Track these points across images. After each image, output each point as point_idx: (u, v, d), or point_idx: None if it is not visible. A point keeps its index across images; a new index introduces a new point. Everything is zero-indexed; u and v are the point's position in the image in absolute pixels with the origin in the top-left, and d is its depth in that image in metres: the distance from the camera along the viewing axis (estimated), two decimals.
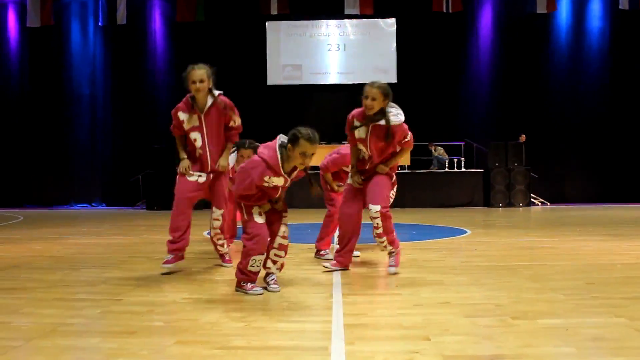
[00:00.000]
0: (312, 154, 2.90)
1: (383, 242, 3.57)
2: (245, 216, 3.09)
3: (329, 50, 14.60)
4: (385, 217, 3.50)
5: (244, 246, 3.04)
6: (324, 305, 2.77)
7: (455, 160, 12.75)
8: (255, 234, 3.01)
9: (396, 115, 3.51)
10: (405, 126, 3.60)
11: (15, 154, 14.65)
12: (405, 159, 10.93)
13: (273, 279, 3.18)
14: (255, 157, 3.04)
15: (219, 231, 3.90)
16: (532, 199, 12.54)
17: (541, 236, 5.98)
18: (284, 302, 2.83)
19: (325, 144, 10.52)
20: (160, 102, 14.53)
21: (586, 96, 13.92)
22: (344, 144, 4.84)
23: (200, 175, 3.74)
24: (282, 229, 3.14)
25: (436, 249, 4.92)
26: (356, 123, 3.60)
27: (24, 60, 14.88)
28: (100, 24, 14.38)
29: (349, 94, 14.91)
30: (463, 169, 12.66)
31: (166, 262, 3.71)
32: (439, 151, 13.15)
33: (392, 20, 14.51)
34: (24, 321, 2.51)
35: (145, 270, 3.90)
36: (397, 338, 2.20)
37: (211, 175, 3.79)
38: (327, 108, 13.87)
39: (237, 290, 3.09)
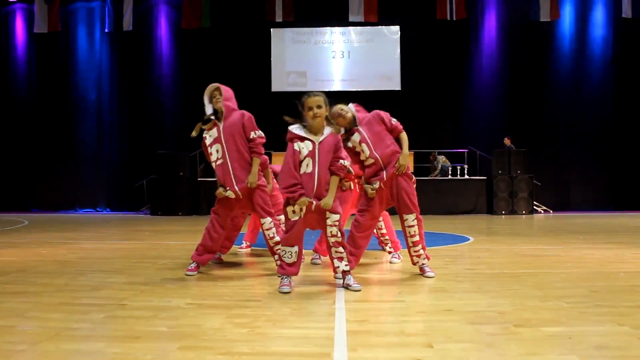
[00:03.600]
0: (319, 106, 3.27)
1: (418, 251, 3.76)
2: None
3: (333, 57, 14.65)
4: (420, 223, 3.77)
5: None
6: (328, 311, 2.77)
7: (459, 167, 12.73)
8: (288, 227, 3.30)
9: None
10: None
11: (22, 158, 14.76)
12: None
13: (352, 280, 3.32)
14: None
15: (275, 239, 3.96)
16: (535, 207, 12.50)
17: (545, 244, 5.95)
18: (287, 308, 2.84)
19: None
20: (166, 107, 14.61)
21: (590, 104, 13.92)
22: None
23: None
24: (329, 229, 3.30)
25: (439, 256, 4.90)
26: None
27: (32, 65, 15.01)
28: (106, 30, 14.52)
29: (352, 101, 14.96)
30: (466, 177, 12.64)
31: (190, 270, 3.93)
32: (442, 159, 13.11)
33: (397, 28, 14.56)
34: (28, 325, 2.52)
35: (149, 275, 3.91)
36: (400, 345, 2.19)
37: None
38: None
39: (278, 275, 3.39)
